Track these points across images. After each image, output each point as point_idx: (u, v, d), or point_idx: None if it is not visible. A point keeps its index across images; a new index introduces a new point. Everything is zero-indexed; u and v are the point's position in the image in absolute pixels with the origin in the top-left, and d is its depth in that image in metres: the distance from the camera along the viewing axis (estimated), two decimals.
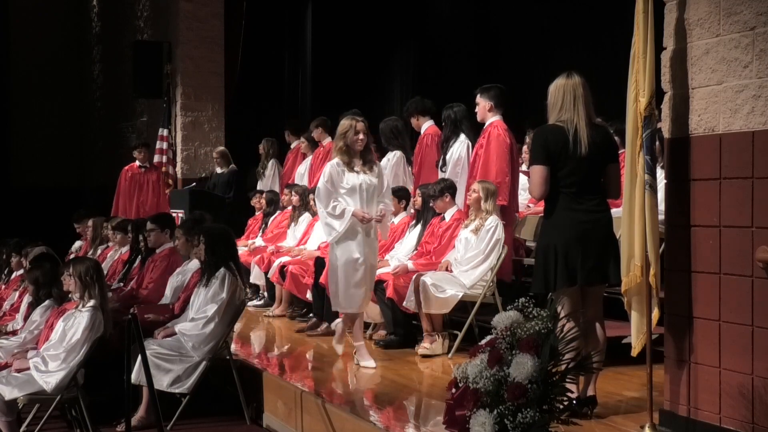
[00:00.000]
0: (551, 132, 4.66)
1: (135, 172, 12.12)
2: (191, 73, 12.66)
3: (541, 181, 4.65)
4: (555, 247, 4.61)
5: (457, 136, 7.51)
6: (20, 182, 16.97)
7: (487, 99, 6.97)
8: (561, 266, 4.58)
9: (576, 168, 4.60)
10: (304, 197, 9.35)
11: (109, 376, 5.98)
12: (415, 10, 13.69)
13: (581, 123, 4.60)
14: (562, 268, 4.58)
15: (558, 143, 4.60)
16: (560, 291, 4.60)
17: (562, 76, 4.69)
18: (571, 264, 4.58)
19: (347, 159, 6.20)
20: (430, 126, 8.14)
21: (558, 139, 4.60)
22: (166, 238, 7.55)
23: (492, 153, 6.85)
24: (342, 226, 6.15)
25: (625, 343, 5.22)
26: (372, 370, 6.19)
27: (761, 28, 3.94)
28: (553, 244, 4.63)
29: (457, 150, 7.49)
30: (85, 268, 5.94)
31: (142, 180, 12.08)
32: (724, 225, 4.13)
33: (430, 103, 8.29)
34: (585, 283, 4.63)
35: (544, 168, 4.63)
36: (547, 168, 4.62)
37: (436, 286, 6.49)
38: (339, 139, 6.26)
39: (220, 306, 6.13)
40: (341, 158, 6.21)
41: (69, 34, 17.35)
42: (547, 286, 4.63)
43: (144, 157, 12.11)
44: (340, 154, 6.22)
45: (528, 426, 3.44)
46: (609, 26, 9.95)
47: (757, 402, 3.95)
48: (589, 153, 4.59)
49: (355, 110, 7.35)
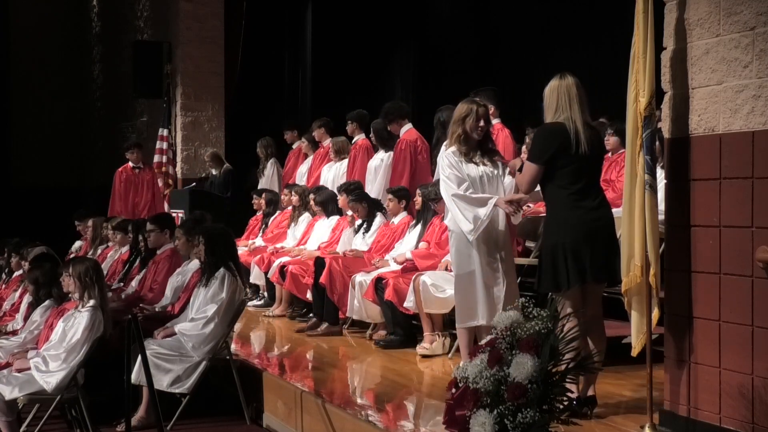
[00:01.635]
0: (554, 131, 4.67)
1: (129, 174, 11.98)
2: (191, 73, 12.66)
3: (530, 180, 4.73)
4: (563, 246, 4.60)
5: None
6: (20, 182, 16.97)
7: (483, 99, 6.99)
8: (572, 264, 4.58)
9: (579, 167, 4.63)
10: (304, 197, 9.35)
11: (109, 376, 5.97)
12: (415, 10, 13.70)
13: (578, 122, 4.62)
14: (573, 266, 4.58)
15: (562, 142, 4.62)
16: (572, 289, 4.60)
17: (556, 78, 4.72)
18: (581, 262, 4.59)
19: (465, 149, 5.36)
20: (410, 129, 8.36)
21: (562, 138, 4.62)
22: (166, 238, 7.56)
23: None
24: (486, 215, 5.24)
25: (625, 343, 5.22)
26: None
27: (761, 28, 3.94)
28: (561, 242, 4.62)
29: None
30: (84, 269, 5.94)
31: (136, 181, 11.93)
32: (724, 225, 4.13)
33: (407, 107, 8.44)
34: (594, 280, 4.63)
35: (538, 168, 4.68)
36: (541, 168, 4.67)
37: (436, 286, 6.49)
38: (456, 125, 5.37)
39: (219, 306, 6.13)
40: (458, 147, 5.37)
41: (69, 34, 17.35)
42: (557, 286, 4.62)
43: (137, 157, 11.97)
44: (458, 143, 5.37)
45: (528, 426, 3.44)
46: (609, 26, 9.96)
47: (757, 402, 3.95)
48: (590, 151, 4.62)
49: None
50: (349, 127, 9.46)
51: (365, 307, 7.15)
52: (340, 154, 9.69)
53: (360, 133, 9.33)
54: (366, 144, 9.24)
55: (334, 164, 9.77)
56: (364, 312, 7.20)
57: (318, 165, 10.21)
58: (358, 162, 9.22)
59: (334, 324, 7.61)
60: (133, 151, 11.98)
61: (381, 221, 8.05)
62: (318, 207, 8.94)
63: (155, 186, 12.12)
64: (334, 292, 7.47)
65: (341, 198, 8.49)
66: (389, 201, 7.80)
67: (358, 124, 9.39)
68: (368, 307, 7.13)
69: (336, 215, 8.79)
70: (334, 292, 7.47)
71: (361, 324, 7.55)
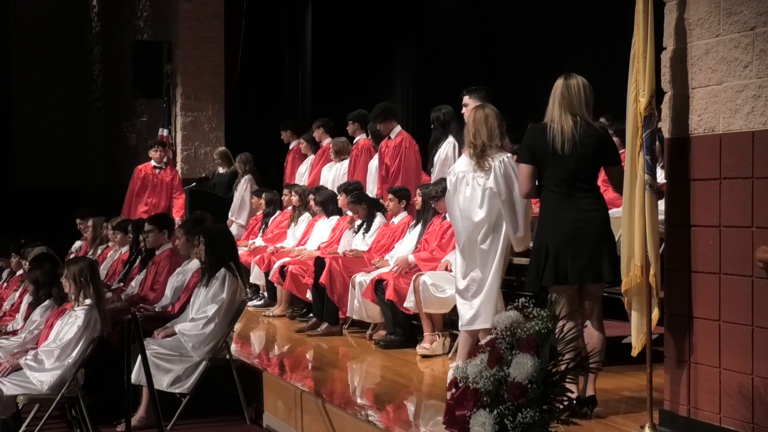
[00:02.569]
0: (536, 131, 4.72)
1: (149, 173, 11.20)
2: (191, 73, 12.66)
3: (524, 180, 4.76)
4: (546, 246, 4.66)
5: (445, 137, 7.66)
6: (20, 182, 16.97)
7: (476, 99, 7.04)
8: (550, 264, 4.63)
9: (560, 167, 4.63)
10: (303, 197, 9.36)
11: (109, 376, 5.98)
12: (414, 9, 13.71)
13: (566, 123, 4.62)
14: (550, 266, 4.63)
15: (541, 143, 4.65)
16: (552, 289, 4.63)
17: (560, 77, 4.74)
18: (561, 262, 4.61)
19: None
20: (401, 132, 8.48)
21: (541, 139, 4.66)
22: (165, 238, 7.56)
23: None
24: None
25: (625, 343, 5.22)
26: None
27: (761, 28, 3.94)
28: (545, 242, 4.67)
29: (444, 150, 7.64)
30: (78, 269, 5.94)
31: (155, 181, 11.18)
32: (724, 225, 4.13)
33: (398, 109, 8.70)
34: (576, 281, 4.64)
35: (527, 167, 4.72)
36: (531, 167, 4.71)
37: (435, 286, 6.49)
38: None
39: (220, 306, 6.13)
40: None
41: (69, 34, 17.35)
42: (539, 284, 4.69)
43: (160, 156, 11.22)
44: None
45: (528, 426, 3.44)
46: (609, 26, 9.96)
47: (757, 402, 3.95)
48: (575, 152, 4.60)
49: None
50: (350, 128, 9.47)
51: (365, 307, 7.15)
52: (340, 155, 9.69)
53: (361, 133, 9.34)
54: (367, 144, 9.25)
55: (333, 164, 9.78)
56: (364, 312, 7.20)
57: (318, 165, 10.23)
58: (360, 162, 9.24)
59: (334, 324, 7.61)
60: (156, 149, 11.26)
61: (381, 221, 8.06)
62: (318, 207, 8.95)
63: (174, 188, 11.29)
64: (334, 292, 7.47)
65: (341, 198, 8.50)
66: (389, 201, 7.80)
67: (359, 124, 9.39)
68: (368, 307, 7.13)
69: (336, 215, 8.79)
70: (334, 292, 7.47)
71: (361, 324, 7.55)
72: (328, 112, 10.71)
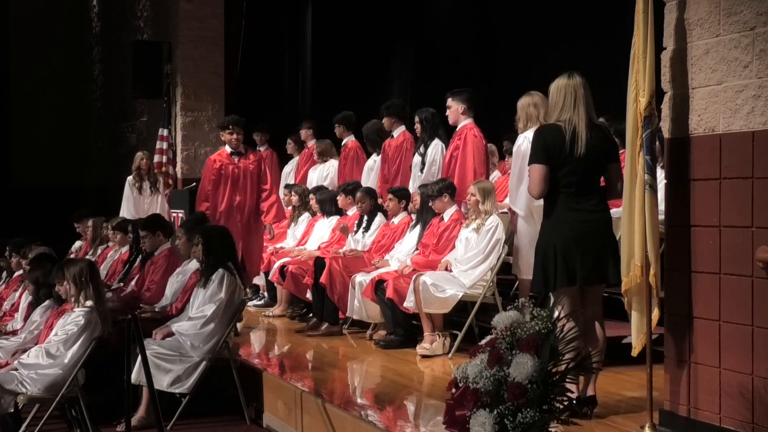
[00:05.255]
0: (550, 132, 4.68)
1: (224, 162, 8.44)
2: (191, 73, 12.65)
3: (539, 180, 4.66)
4: (554, 247, 4.62)
5: (433, 139, 7.71)
6: (20, 182, 16.96)
7: (460, 102, 7.20)
8: (561, 266, 4.59)
9: (574, 168, 4.61)
10: (303, 197, 9.36)
11: (109, 376, 5.97)
12: (414, 9, 13.70)
13: (581, 124, 4.61)
14: (561, 268, 4.59)
15: (557, 143, 4.61)
16: (560, 291, 4.61)
17: (563, 76, 4.70)
18: (571, 263, 4.59)
19: None
20: (404, 132, 8.46)
21: (557, 139, 4.61)
22: (161, 240, 7.56)
23: (469, 154, 7.08)
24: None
25: (625, 343, 5.22)
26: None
27: (761, 28, 3.94)
28: (553, 243, 4.64)
29: (432, 152, 7.67)
30: (78, 270, 5.93)
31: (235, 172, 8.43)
32: (724, 225, 4.13)
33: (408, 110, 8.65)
34: (584, 282, 4.63)
35: (543, 167, 4.65)
36: (546, 167, 4.64)
37: (436, 286, 6.49)
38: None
39: (218, 307, 6.13)
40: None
41: (69, 33, 17.34)
42: (546, 286, 4.66)
43: (237, 140, 8.42)
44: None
45: (528, 426, 3.44)
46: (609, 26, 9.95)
47: (757, 402, 3.95)
48: (587, 153, 4.60)
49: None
50: (337, 130, 9.56)
51: (365, 307, 7.15)
52: (323, 156, 9.77)
53: (348, 135, 9.38)
54: (356, 145, 9.29)
55: (318, 166, 9.86)
56: (364, 312, 7.20)
57: (304, 166, 10.27)
58: (348, 163, 9.26)
59: (334, 324, 7.61)
60: (231, 130, 8.42)
61: (381, 221, 8.05)
62: (318, 207, 8.96)
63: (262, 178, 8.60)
64: (334, 292, 7.47)
65: (341, 198, 8.50)
66: (389, 201, 7.80)
67: (345, 127, 9.48)
68: (368, 307, 7.13)
69: (336, 215, 8.79)
70: (334, 292, 7.47)
71: (361, 324, 7.55)
72: (328, 111, 10.69)
